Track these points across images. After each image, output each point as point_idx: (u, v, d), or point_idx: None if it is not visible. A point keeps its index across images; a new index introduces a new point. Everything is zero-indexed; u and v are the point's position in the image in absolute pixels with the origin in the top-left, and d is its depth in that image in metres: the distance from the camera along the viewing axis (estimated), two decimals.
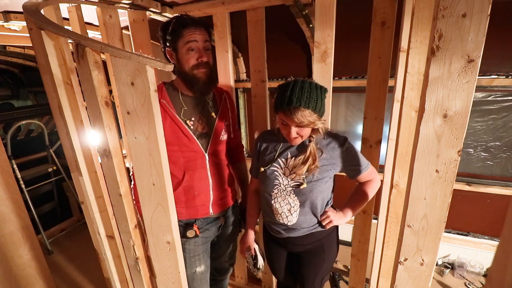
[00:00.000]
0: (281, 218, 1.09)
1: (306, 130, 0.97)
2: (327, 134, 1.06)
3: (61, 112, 0.99)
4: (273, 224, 1.15)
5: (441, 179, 0.60)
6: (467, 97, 0.54)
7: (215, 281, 1.51)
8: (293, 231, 1.11)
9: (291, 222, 1.08)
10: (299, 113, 0.90)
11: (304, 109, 0.89)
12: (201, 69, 1.05)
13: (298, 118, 0.90)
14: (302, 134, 0.98)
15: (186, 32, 1.01)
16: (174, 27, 1.02)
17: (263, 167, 1.11)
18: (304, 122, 0.91)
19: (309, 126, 0.95)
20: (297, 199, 1.06)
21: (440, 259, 2.20)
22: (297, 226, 1.09)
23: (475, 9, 0.49)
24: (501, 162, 1.98)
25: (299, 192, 1.04)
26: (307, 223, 1.09)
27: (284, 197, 1.07)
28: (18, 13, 1.34)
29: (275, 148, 1.11)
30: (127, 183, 0.92)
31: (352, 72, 2.05)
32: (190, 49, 1.02)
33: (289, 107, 0.90)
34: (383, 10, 1.17)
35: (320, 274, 1.20)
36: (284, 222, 1.10)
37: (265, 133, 1.19)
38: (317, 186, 1.03)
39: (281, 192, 1.07)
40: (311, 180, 1.03)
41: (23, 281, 1.21)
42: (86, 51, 0.70)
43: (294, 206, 1.07)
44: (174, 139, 1.08)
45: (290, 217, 1.08)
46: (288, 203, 1.07)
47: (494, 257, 0.40)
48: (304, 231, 1.10)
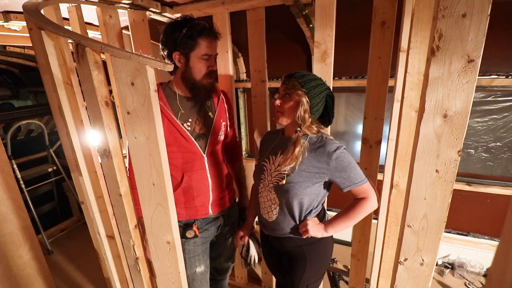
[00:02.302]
0: (264, 212, 1.12)
1: (288, 105, 1.00)
2: (321, 139, 1.02)
3: (61, 112, 0.99)
4: (260, 218, 1.17)
5: (441, 179, 0.60)
6: (467, 97, 0.54)
7: (214, 281, 1.51)
8: (273, 230, 1.12)
9: (271, 219, 1.10)
10: (291, 79, 0.99)
11: (295, 79, 0.98)
12: (210, 79, 1.07)
13: (286, 82, 0.99)
14: (284, 107, 1.01)
15: (204, 42, 1.00)
16: (189, 34, 0.99)
17: (256, 161, 1.15)
18: (289, 86, 0.98)
19: (292, 96, 0.98)
20: (276, 197, 1.06)
21: (440, 259, 2.19)
22: (276, 226, 1.10)
23: (475, 9, 0.49)
24: (501, 162, 1.98)
25: (278, 189, 1.04)
26: (285, 224, 1.08)
27: (267, 192, 1.09)
28: (18, 13, 1.34)
29: (270, 144, 1.14)
30: (127, 183, 0.92)
31: (352, 72, 2.05)
32: (204, 59, 1.03)
33: (288, 76, 1.00)
34: (383, 10, 1.17)
35: (303, 281, 1.14)
36: (265, 218, 1.12)
37: (268, 132, 1.24)
38: (294, 188, 1.00)
39: (265, 187, 1.09)
40: (291, 181, 1.00)
41: (23, 281, 1.21)
42: (86, 51, 0.70)
43: (274, 203, 1.07)
44: (172, 140, 1.08)
45: (270, 213, 1.10)
46: (270, 199, 1.08)
47: (494, 257, 0.40)
48: (283, 232, 1.09)
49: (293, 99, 0.99)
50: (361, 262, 1.62)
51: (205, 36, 1.00)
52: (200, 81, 1.06)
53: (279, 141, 1.12)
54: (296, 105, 0.99)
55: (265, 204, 1.10)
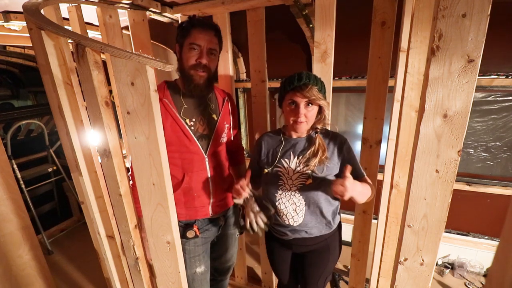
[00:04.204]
0: (287, 219, 1.08)
1: (312, 112, 1.01)
2: (327, 131, 1.07)
3: (61, 112, 0.99)
4: (278, 226, 1.14)
5: (441, 179, 0.60)
6: (467, 97, 0.54)
7: (215, 281, 1.50)
8: (300, 232, 1.10)
9: (297, 223, 1.07)
10: (309, 87, 0.96)
11: (313, 86, 0.97)
12: (199, 72, 1.05)
13: (308, 92, 0.96)
14: (309, 116, 1.01)
15: (194, 31, 1.03)
16: (185, 25, 1.04)
17: (266, 168, 1.10)
18: (312, 96, 0.96)
19: (316, 102, 0.99)
20: (302, 198, 1.05)
21: (440, 259, 2.20)
22: (303, 227, 1.08)
23: (475, 9, 0.49)
24: (501, 162, 1.98)
25: (304, 190, 1.04)
26: (314, 223, 1.08)
27: (289, 197, 1.06)
28: (18, 13, 1.34)
29: (276, 149, 1.11)
30: (127, 183, 0.92)
31: (352, 72, 2.05)
32: (193, 48, 1.03)
33: (300, 83, 0.96)
34: (383, 10, 1.17)
35: (324, 274, 1.19)
36: (290, 223, 1.08)
37: (266, 135, 1.19)
38: (323, 183, 1.03)
39: (286, 192, 1.07)
40: (318, 178, 1.03)
41: (23, 281, 1.21)
42: (86, 51, 0.70)
43: (299, 206, 1.06)
44: (175, 139, 1.08)
45: (296, 217, 1.07)
46: (294, 203, 1.06)
47: (494, 257, 0.40)
48: (311, 232, 1.09)
49: (316, 105, 1.01)
50: (361, 262, 1.62)
51: (197, 26, 1.03)
52: (188, 70, 1.05)
53: (286, 144, 1.10)
54: (320, 110, 1.03)
55: (288, 210, 1.07)
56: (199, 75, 1.05)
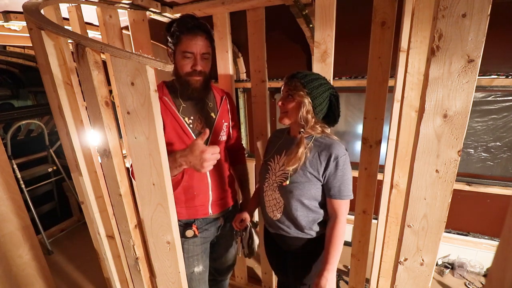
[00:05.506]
0: (269, 211, 1.12)
1: (291, 106, 0.99)
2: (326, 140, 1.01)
3: (61, 112, 0.99)
4: (265, 216, 1.18)
5: (441, 179, 0.60)
6: (467, 97, 0.54)
7: (215, 281, 1.50)
8: (278, 229, 1.12)
9: (276, 218, 1.11)
10: (293, 80, 0.98)
11: (297, 80, 0.97)
12: (195, 77, 1.05)
13: (289, 83, 0.99)
14: (287, 107, 1.00)
15: (185, 38, 1.00)
16: (174, 30, 1.01)
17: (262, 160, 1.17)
18: (291, 87, 0.98)
19: (294, 95, 0.97)
20: (280, 196, 1.06)
21: (440, 259, 2.20)
22: (282, 224, 1.10)
23: (475, 9, 0.49)
24: (501, 162, 1.98)
25: (282, 189, 1.05)
26: (289, 224, 1.08)
27: (271, 191, 1.09)
28: (18, 13, 1.34)
29: (275, 143, 1.15)
30: (127, 183, 0.92)
31: (352, 72, 2.05)
32: (186, 57, 1.02)
33: (292, 76, 0.99)
34: (383, 10, 1.17)
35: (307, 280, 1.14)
36: (270, 216, 1.12)
37: (276, 131, 1.24)
38: (298, 188, 1.00)
39: (270, 186, 1.10)
40: (294, 182, 1.01)
41: (23, 281, 1.21)
42: (86, 51, 0.70)
43: (278, 203, 1.08)
44: (175, 137, 1.08)
45: (275, 212, 1.10)
46: (274, 198, 1.09)
47: (494, 257, 0.40)
48: (288, 231, 1.09)
49: (295, 100, 0.98)
50: (361, 262, 1.62)
51: (187, 31, 1.00)
52: (183, 77, 1.05)
53: (284, 141, 1.12)
54: (298, 106, 0.98)
55: (270, 203, 1.11)
56: (195, 80, 1.05)
